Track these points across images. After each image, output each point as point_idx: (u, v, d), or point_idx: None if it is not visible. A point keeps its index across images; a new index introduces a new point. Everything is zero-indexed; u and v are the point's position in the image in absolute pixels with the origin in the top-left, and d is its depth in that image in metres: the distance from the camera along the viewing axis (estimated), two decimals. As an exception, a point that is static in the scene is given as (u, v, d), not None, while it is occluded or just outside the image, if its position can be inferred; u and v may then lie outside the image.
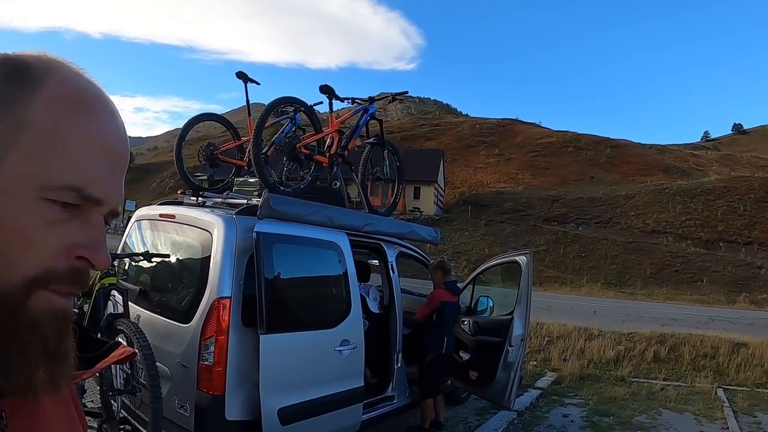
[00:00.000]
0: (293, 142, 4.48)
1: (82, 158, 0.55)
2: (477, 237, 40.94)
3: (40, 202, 0.53)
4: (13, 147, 0.53)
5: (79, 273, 0.56)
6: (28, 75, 0.55)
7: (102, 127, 0.58)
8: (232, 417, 3.46)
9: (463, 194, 57.11)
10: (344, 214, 4.55)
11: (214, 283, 3.60)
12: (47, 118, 0.54)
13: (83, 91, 0.58)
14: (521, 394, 6.88)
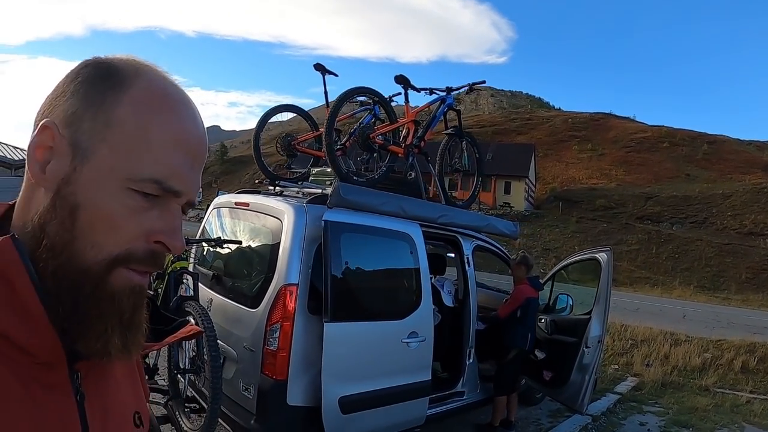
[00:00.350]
0: (367, 132, 4.45)
1: (164, 154, 0.62)
2: (567, 234, 39.61)
3: (125, 192, 0.61)
4: (104, 142, 0.60)
5: (155, 255, 0.64)
6: (118, 77, 0.62)
7: (182, 126, 0.64)
8: (293, 402, 3.50)
9: (554, 190, 55.39)
10: (418, 205, 4.48)
11: (282, 269, 3.65)
12: (134, 117, 0.61)
13: (167, 93, 0.65)
14: (598, 398, 6.55)
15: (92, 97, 0.61)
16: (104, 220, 0.60)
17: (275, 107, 5.47)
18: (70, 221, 0.60)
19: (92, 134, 0.60)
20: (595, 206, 46.89)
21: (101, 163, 0.60)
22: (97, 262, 0.60)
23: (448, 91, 5.26)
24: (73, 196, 0.60)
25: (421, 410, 4.24)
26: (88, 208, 0.60)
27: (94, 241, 0.60)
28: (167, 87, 0.65)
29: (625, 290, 27.43)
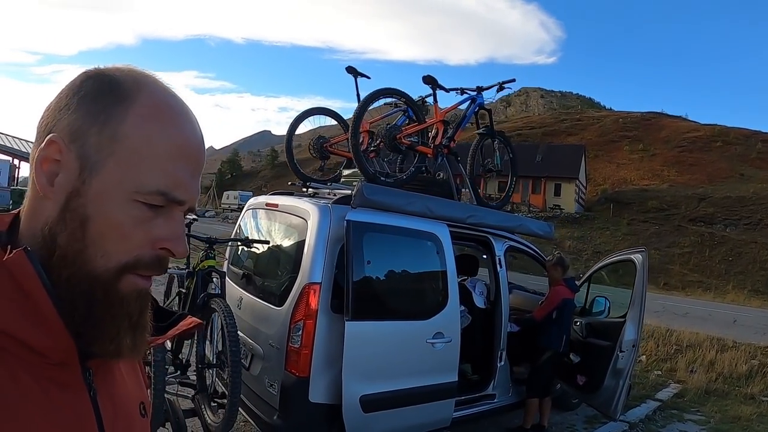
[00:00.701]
0: (393, 132, 4.46)
1: (168, 166, 0.66)
2: (618, 237, 38.46)
3: (132, 203, 0.64)
4: (111, 156, 0.63)
5: (161, 260, 0.68)
6: (120, 92, 0.65)
7: (184, 136, 0.68)
8: (315, 399, 3.54)
9: (605, 191, 53.96)
10: (445, 205, 4.45)
11: (306, 268, 3.70)
12: (139, 131, 0.64)
13: (168, 105, 0.68)
14: (638, 404, 6.35)
15: (97, 112, 0.64)
16: (113, 231, 0.64)
17: (307, 110, 5.51)
18: (80, 232, 0.63)
19: (99, 149, 0.63)
20: (646, 208, 45.38)
21: (109, 176, 0.63)
22: (108, 269, 0.64)
23: (479, 90, 5.23)
24: (83, 208, 0.63)
25: (446, 412, 4.21)
26: (97, 220, 0.63)
27: (104, 250, 0.64)
28: (168, 99, 0.68)
29: (677, 294, 26.38)
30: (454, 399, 4.25)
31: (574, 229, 40.31)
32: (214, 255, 3.96)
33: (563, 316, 5.12)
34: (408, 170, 4.69)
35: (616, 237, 38.37)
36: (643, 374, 7.75)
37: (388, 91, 4.57)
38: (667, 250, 37.13)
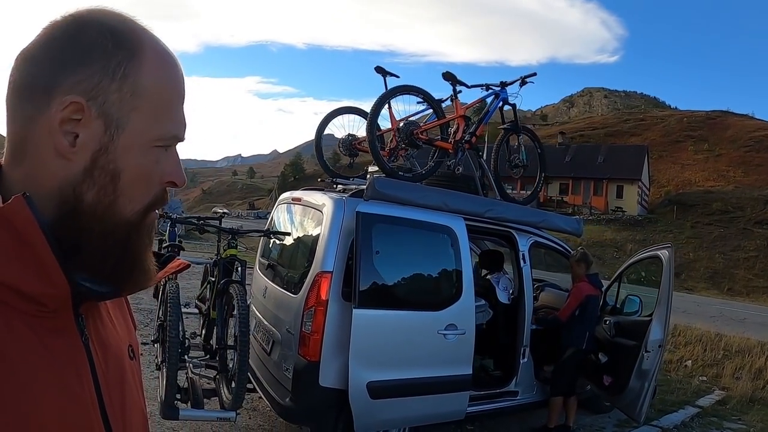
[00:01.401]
0: (410, 128, 4.55)
1: (177, 111, 0.71)
2: (681, 240, 36.83)
3: (152, 149, 0.69)
4: (134, 111, 0.66)
5: (165, 193, 0.73)
6: (129, 44, 0.66)
7: (181, 80, 0.72)
8: (325, 384, 3.68)
9: (668, 193, 51.73)
10: (461, 199, 4.49)
11: (319, 257, 3.86)
12: (154, 83, 0.67)
13: (165, 52, 0.70)
14: (675, 410, 6.12)
15: (112, 68, 0.64)
16: (141, 178, 0.68)
17: (336, 109, 5.66)
18: (111, 186, 0.66)
19: (122, 105, 0.65)
20: (711, 210, 43.16)
21: (134, 129, 0.66)
22: (136, 212, 0.69)
23: (503, 85, 5.23)
24: (112, 163, 0.66)
25: (459, 405, 4.24)
26: (127, 172, 0.67)
27: (132, 197, 0.68)
28: (162, 45, 0.70)
29: (740, 300, 25.02)
30: (468, 392, 4.27)
31: (636, 232, 38.95)
32: (236, 245, 4.17)
33: (586, 312, 5.05)
34: (427, 165, 4.76)
35: (680, 240, 36.81)
36: (686, 379, 7.46)
37: (406, 88, 4.66)
38: (732, 254, 35.30)
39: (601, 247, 34.77)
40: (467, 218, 4.47)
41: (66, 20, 0.66)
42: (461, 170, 4.84)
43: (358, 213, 3.76)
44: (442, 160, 4.85)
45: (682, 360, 8.37)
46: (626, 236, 37.11)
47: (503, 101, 5.26)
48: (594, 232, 38.47)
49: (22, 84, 0.65)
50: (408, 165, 4.91)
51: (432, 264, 4.38)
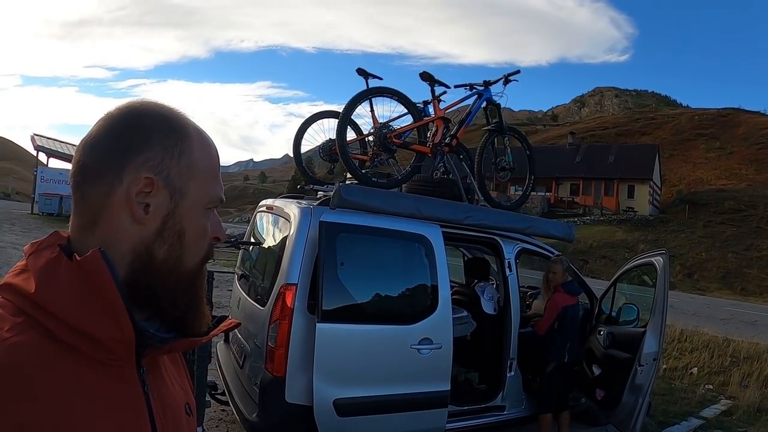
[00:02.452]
0: (383, 131, 4.36)
1: (217, 178, 0.85)
2: (694, 239, 36.29)
3: (206, 211, 0.83)
4: (191, 180, 0.80)
5: (212, 248, 0.86)
6: (181, 128, 0.81)
7: (217, 155, 0.87)
8: (291, 399, 3.51)
9: (680, 192, 51.04)
10: (437, 206, 4.29)
11: (284, 269, 3.69)
12: (201, 157, 0.82)
13: (204, 132, 0.85)
14: (677, 422, 5.83)
15: (171, 148, 0.79)
16: (200, 235, 0.82)
17: (316, 114, 5.49)
18: (179, 243, 0.79)
19: (181, 176, 0.79)
20: (723, 209, 42.46)
21: (193, 195, 0.80)
22: (197, 263, 0.82)
23: (486, 85, 5.03)
24: (179, 224, 0.79)
25: (436, 422, 4.02)
26: (190, 230, 0.80)
27: (195, 251, 0.81)
28: (202, 129, 0.85)
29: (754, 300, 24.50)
30: (446, 409, 4.06)
31: (648, 232, 38.43)
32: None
33: (565, 323, 4.78)
34: (405, 170, 4.58)
35: (692, 240, 36.27)
36: (691, 388, 7.16)
37: (379, 90, 4.49)
38: (745, 253, 34.60)
39: (612, 248, 34.33)
40: (445, 226, 4.26)
41: (122, 111, 0.79)
42: (439, 174, 4.64)
43: (321, 222, 3.59)
44: (419, 165, 4.65)
45: (688, 367, 8.06)
46: (638, 236, 36.59)
47: (487, 101, 5.06)
48: (605, 232, 38.02)
49: (92, 166, 0.77)
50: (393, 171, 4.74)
51: (404, 275, 4.18)
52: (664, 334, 4.61)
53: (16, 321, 0.69)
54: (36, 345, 0.68)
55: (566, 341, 4.77)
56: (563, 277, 4.92)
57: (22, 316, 0.69)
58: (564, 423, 4.89)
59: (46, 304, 0.69)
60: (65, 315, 0.69)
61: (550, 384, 4.78)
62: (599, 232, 38.08)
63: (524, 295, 5.82)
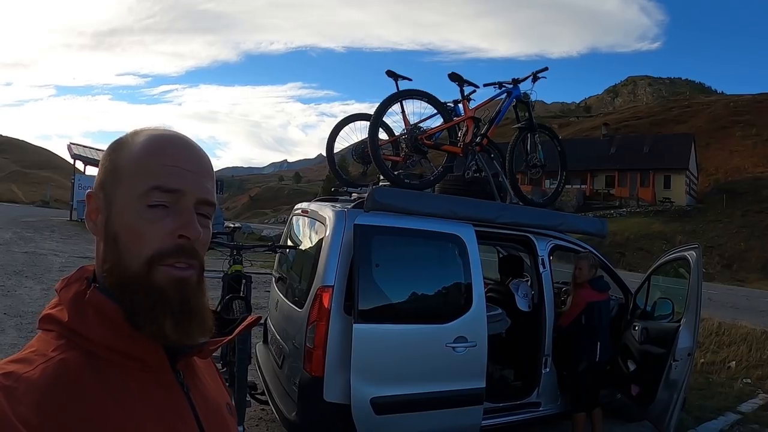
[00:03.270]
0: (415, 133, 4.42)
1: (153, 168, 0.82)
2: (732, 229, 35.26)
3: (141, 209, 0.81)
4: (119, 184, 0.83)
5: (183, 248, 0.82)
6: (117, 143, 0.86)
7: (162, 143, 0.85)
8: (329, 398, 3.60)
9: (717, 182, 49.64)
10: (469, 205, 4.33)
11: (321, 271, 3.78)
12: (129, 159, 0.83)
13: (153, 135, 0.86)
14: (714, 417, 5.73)
15: (107, 166, 0.85)
16: (134, 234, 0.80)
17: (348, 117, 5.57)
18: (115, 246, 0.81)
19: (112, 185, 0.83)
20: (761, 197, 41.04)
21: (120, 198, 0.82)
22: (140, 265, 0.80)
23: (515, 82, 5.04)
24: (112, 228, 0.82)
25: (472, 419, 4.07)
26: (122, 231, 0.81)
27: (132, 252, 0.80)
28: (155, 132, 0.86)
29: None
30: (482, 406, 4.11)
31: (685, 223, 37.55)
32: (240, 260, 4.14)
33: (592, 320, 4.72)
34: (437, 171, 4.63)
35: (730, 230, 35.26)
36: (729, 382, 7.02)
37: (409, 92, 4.54)
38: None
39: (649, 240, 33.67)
40: (477, 225, 4.31)
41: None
42: (471, 174, 4.68)
43: (356, 225, 3.67)
44: (451, 165, 4.70)
45: (726, 361, 7.89)
46: (675, 228, 35.81)
47: (516, 99, 5.07)
48: (642, 224, 37.30)
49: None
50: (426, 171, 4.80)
51: (438, 274, 4.23)
52: (698, 328, 4.55)
53: (59, 343, 0.78)
54: (80, 360, 0.77)
55: (596, 339, 4.71)
56: (589, 273, 4.86)
57: (64, 339, 0.78)
58: (597, 420, 4.84)
59: (80, 330, 0.78)
60: (96, 337, 0.78)
61: (582, 383, 4.75)
62: (636, 224, 37.38)
63: (558, 292, 5.81)
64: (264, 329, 5.24)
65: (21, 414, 0.68)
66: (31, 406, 0.70)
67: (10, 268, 11.15)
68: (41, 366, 0.74)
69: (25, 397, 0.70)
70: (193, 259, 0.83)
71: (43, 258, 13.26)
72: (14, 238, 17.11)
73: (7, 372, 0.73)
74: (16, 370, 0.73)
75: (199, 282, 0.86)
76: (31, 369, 0.74)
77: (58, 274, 10.99)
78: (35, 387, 0.72)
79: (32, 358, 0.76)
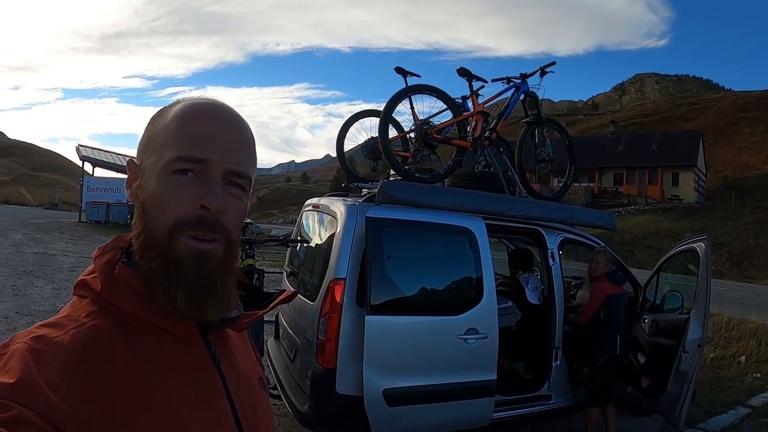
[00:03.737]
0: (424, 128, 4.46)
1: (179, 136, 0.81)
2: (741, 227, 35.03)
3: (166, 176, 0.80)
4: (149, 153, 0.83)
5: (203, 218, 0.80)
6: (158, 114, 0.87)
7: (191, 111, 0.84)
8: (342, 390, 3.63)
9: (726, 179, 49.32)
10: (479, 198, 4.36)
11: (333, 264, 3.82)
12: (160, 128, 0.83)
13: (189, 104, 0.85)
14: (724, 411, 5.73)
15: (146, 135, 0.85)
16: (158, 202, 0.80)
17: (358, 113, 5.62)
18: (143, 213, 0.81)
19: (145, 153, 0.84)
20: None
21: (149, 166, 0.82)
22: (162, 234, 0.79)
23: (523, 77, 5.06)
24: (142, 195, 0.82)
25: (483, 411, 4.10)
26: (149, 199, 0.81)
27: (157, 219, 0.79)
28: (191, 101, 0.86)
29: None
30: (493, 398, 4.13)
31: (693, 220, 37.34)
32: (253, 254, 4.18)
33: (611, 314, 4.72)
34: (446, 165, 4.66)
35: (739, 227, 35.05)
36: (739, 377, 7.02)
37: (419, 87, 4.57)
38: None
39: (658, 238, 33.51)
40: (487, 218, 4.33)
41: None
42: (480, 168, 4.71)
43: (367, 218, 3.71)
44: (460, 159, 4.73)
45: (735, 356, 7.89)
46: (684, 225, 35.62)
47: (524, 93, 5.10)
48: (650, 222, 37.14)
49: None
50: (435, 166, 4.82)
51: (449, 267, 4.27)
52: (708, 319, 4.56)
53: (92, 309, 0.79)
54: (111, 327, 0.78)
55: (616, 333, 4.70)
56: (606, 267, 4.87)
57: (97, 306, 0.80)
58: (611, 416, 4.82)
59: (111, 300, 0.79)
60: (127, 308, 0.79)
61: (601, 378, 4.72)
62: (644, 221, 37.24)
63: (568, 285, 5.82)
64: (275, 325, 5.28)
65: (49, 377, 0.69)
66: (59, 370, 0.70)
67: (21, 269, 11.28)
68: (72, 331, 0.75)
69: (54, 360, 0.71)
70: (215, 232, 0.80)
71: (53, 258, 13.39)
72: (24, 239, 17.28)
73: (38, 335, 0.74)
74: (47, 334, 0.74)
75: (226, 258, 0.82)
76: (62, 333, 0.75)
77: (68, 274, 11.11)
78: (65, 351, 0.72)
79: (64, 323, 0.77)
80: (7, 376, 0.68)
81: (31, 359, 0.70)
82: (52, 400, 0.67)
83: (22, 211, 36.61)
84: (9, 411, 0.64)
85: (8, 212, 34.01)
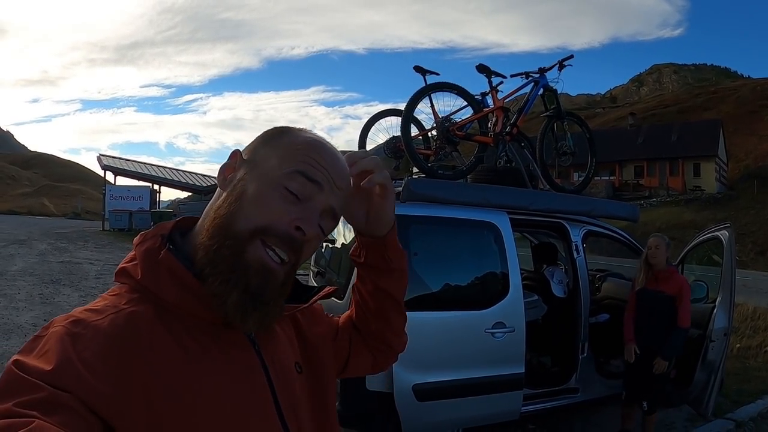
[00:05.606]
0: (446, 125, 4.50)
1: (301, 156, 0.87)
2: (765, 215, 34.26)
3: (280, 187, 0.83)
4: (274, 152, 0.88)
5: (292, 238, 0.83)
6: (287, 129, 0.93)
7: (313, 139, 0.91)
8: (372, 387, 3.69)
9: (747, 168, 48.41)
10: (503, 193, 4.38)
11: (359, 262, 3.86)
12: (289, 142, 0.89)
13: (308, 134, 0.92)
14: (752, 401, 5.64)
15: (267, 140, 0.90)
16: (259, 200, 0.82)
17: (379, 113, 5.66)
18: (236, 202, 0.83)
19: (265, 154, 0.88)
20: (794, 182, 39.96)
21: (267, 167, 0.85)
22: (246, 229, 0.81)
23: (541, 72, 5.08)
24: (243, 187, 0.84)
25: (512, 404, 4.13)
26: (251, 192, 0.83)
27: (248, 213, 0.82)
28: (317, 135, 0.92)
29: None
30: (522, 392, 4.16)
31: (716, 211, 36.74)
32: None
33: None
34: (468, 161, 4.69)
35: (762, 217, 34.35)
36: (766, 366, 6.93)
37: (439, 85, 4.61)
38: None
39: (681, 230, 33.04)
40: (512, 212, 4.36)
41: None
42: (502, 163, 4.74)
43: (393, 215, 3.74)
44: (482, 155, 4.76)
45: (762, 345, 7.79)
46: (707, 216, 35.06)
47: (543, 88, 5.11)
48: (672, 214, 36.65)
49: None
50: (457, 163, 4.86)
51: (475, 262, 4.30)
52: (733, 308, 4.52)
53: (132, 296, 0.81)
54: (151, 313, 0.79)
55: (685, 333, 4.34)
56: (666, 252, 4.42)
57: (137, 293, 0.81)
58: (650, 423, 4.54)
59: (151, 287, 0.81)
60: (167, 296, 0.81)
61: (663, 384, 4.42)
62: (666, 213, 36.74)
63: (593, 278, 5.81)
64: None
65: (86, 359, 0.70)
66: (96, 352, 0.71)
67: (47, 277, 11.50)
68: (111, 315, 0.77)
69: (92, 343, 0.72)
70: (292, 252, 0.84)
71: (78, 267, 13.63)
72: (49, 248, 17.62)
73: (76, 319, 0.75)
74: (86, 318, 0.76)
75: (285, 283, 0.86)
76: (100, 318, 0.76)
77: (94, 281, 11.31)
78: (102, 334, 0.74)
79: (104, 308, 0.79)
80: (44, 359, 0.69)
81: (69, 342, 0.71)
82: (90, 383, 0.68)
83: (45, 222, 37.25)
84: (43, 392, 0.65)
85: (32, 223, 34.69)
